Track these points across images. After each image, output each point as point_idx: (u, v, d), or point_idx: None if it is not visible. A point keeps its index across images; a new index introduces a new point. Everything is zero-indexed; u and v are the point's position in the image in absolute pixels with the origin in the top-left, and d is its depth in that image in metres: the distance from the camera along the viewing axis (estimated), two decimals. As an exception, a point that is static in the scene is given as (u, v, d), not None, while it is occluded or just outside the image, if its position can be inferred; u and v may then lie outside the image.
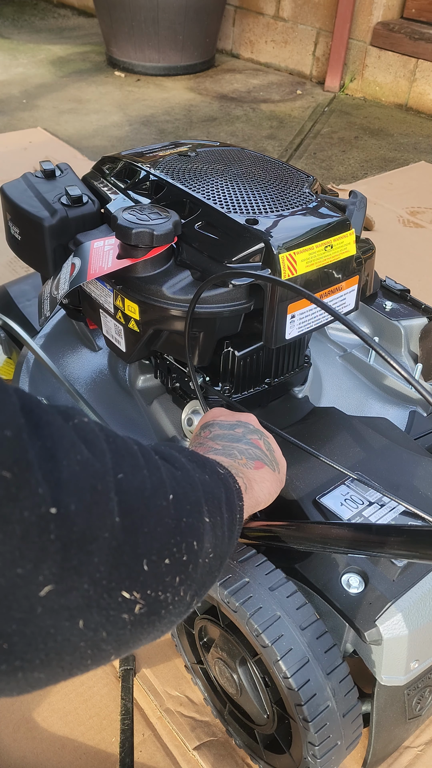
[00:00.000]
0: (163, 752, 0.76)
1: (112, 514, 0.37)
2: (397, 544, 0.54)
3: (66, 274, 0.78)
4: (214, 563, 0.47)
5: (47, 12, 4.27)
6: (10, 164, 2.15)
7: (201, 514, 0.46)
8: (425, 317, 1.06)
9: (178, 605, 0.43)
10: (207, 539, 0.46)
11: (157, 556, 0.41)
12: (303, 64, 3.31)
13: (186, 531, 0.43)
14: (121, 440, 0.42)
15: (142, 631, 0.41)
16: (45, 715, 0.80)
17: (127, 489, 0.39)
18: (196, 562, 0.44)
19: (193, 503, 0.45)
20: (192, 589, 0.45)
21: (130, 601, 0.39)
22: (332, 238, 0.76)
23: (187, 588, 0.44)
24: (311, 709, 0.59)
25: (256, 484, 0.61)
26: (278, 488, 0.65)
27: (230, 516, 0.50)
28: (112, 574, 0.37)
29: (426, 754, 0.77)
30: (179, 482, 0.45)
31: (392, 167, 2.42)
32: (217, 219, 0.76)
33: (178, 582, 0.43)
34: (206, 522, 0.46)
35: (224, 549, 0.49)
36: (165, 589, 0.41)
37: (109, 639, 0.38)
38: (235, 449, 0.63)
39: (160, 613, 0.42)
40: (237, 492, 0.54)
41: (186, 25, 3.04)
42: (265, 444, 0.67)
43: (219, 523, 0.48)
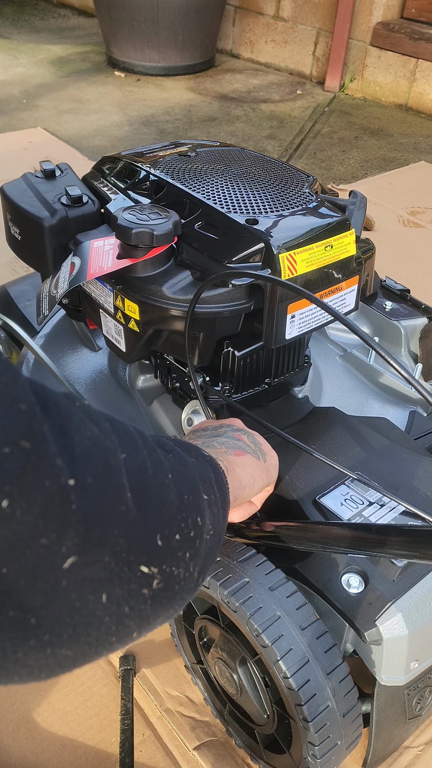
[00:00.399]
0: (163, 752, 0.76)
1: (124, 489, 0.38)
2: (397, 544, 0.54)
3: (65, 274, 0.78)
4: (214, 540, 0.48)
5: (47, 12, 4.27)
6: (10, 164, 2.15)
7: (199, 491, 0.47)
8: (425, 317, 1.06)
9: (188, 581, 0.44)
10: (207, 516, 0.47)
11: (169, 531, 0.41)
12: (303, 64, 3.31)
13: (189, 507, 0.44)
14: (119, 422, 0.43)
15: (160, 607, 0.41)
16: (45, 715, 0.80)
17: (132, 467, 0.40)
18: (201, 537, 0.45)
19: (189, 482, 0.46)
20: (199, 565, 0.46)
21: (149, 575, 0.39)
22: (332, 238, 0.76)
23: (195, 563, 0.45)
24: (311, 709, 0.59)
25: (238, 467, 0.62)
26: (265, 476, 0.66)
27: (222, 494, 0.52)
28: (131, 548, 0.38)
29: (426, 754, 0.77)
30: (173, 463, 0.46)
31: (392, 167, 2.42)
32: (217, 219, 0.76)
33: (188, 557, 0.43)
34: (204, 499, 0.47)
35: (220, 526, 0.50)
36: (178, 564, 0.42)
37: (131, 614, 0.39)
38: (214, 442, 0.65)
39: (174, 588, 0.42)
40: (222, 473, 0.55)
41: (186, 25, 3.04)
42: (248, 438, 0.68)
43: (214, 500, 0.49)
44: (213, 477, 0.52)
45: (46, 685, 0.82)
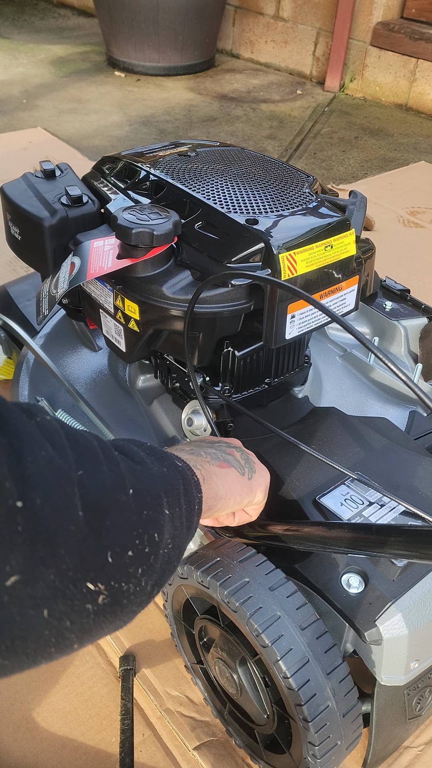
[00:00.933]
0: (163, 752, 0.76)
1: (76, 508, 0.38)
2: (397, 544, 0.54)
3: (65, 273, 0.78)
4: (173, 553, 0.49)
5: (47, 12, 4.27)
6: (10, 164, 2.15)
7: (161, 506, 0.47)
8: (425, 317, 1.06)
9: (139, 595, 0.45)
10: (167, 530, 0.47)
11: (121, 548, 0.42)
12: (303, 64, 3.31)
13: (147, 523, 0.45)
14: (81, 437, 0.43)
15: (105, 621, 0.42)
16: (45, 715, 0.80)
17: (88, 485, 0.40)
18: (157, 553, 0.46)
19: (153, 496, 0.47)
20: (152, 579, 0.46)
21: (95, 591, 0.40)
22: (332, 238, 0.76)
23: (148, 578, 0.45)
24: (311, 709, 0.59)
25: (216, 478, 0.61)
26: (246, 492, 0.65)
27: (188, 507, 0.52)
28: (78, 566, 0.39)
29: (426, 754, 0.77)
30: (138, 476, 0.46)
31: (392, 167, 2.42)
32: (217, 219, 0.76)
33: (140, 573, 0.44)
34: (166, 514, 0.48)
35: (182, 539, 0.51)
36: (128, 580, 0.43)
37: (72, 628, 0.39)
38: (202, 450, 0.65)
39: (122, 603, 0.43)
40: (195, 483, 0.56)
41: (186, 25, 3.03)
42: (240, 455, 0.68)
43: (178, 514, 0.50)
44: (182, 488, 0.52)
45: (46, 685, 0.82)
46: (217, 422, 0.86)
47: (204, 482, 0.58)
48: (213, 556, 0.67)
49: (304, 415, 0.90)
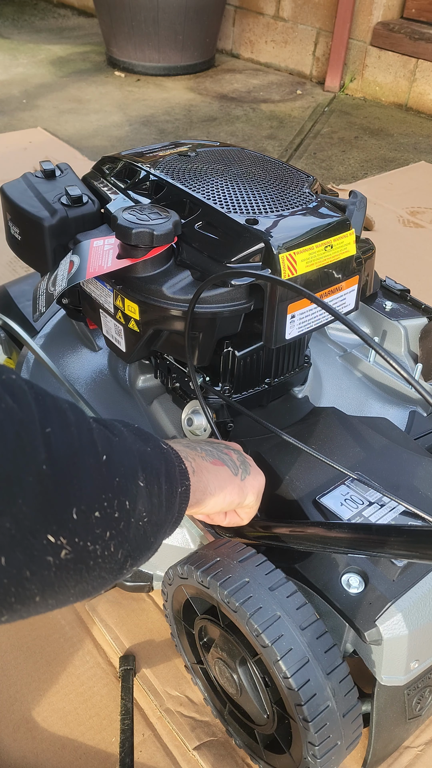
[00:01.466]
0: (163, 752, 0.76)
1: (37, 462, 0.39)
2: (397, 544, 0.54)
3: (64, 272, 0.78)
4: (149, 528, 0.49)
5: (47, 12, 4.27)
6: (10, 164, 2.15)
7: (135, 478, 0.48)
8: (425, 317, 1.06)
9: (109, 560, 0.45)
10: (141, 503, 0.48)
11: (87, 507, 0.42)
12: (303, 64, 3.31)
13: (118, 490, 0.45)
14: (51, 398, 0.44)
15: (68, 577, 0.43)
16: (45, 715, 0.80)
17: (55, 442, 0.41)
18: (128, 521, 0.46)
19: (127, 467, 0.47)
20: (124, 548, 0.47)
21: (56, 545, 0.41)
22: (332, 238, 0.76)
23: (118, 545, 0.46)
24: (311, 709, 0.59)
25: (207, 473, 0.62)
26: (237, 492, 0.65)
27: (169, 487, 0.52)
28: (37, 518, 0.39)
29: (426, 754, 0.77)
30: (114, 446, 0.47)
31: (392, 167, 2.42)
32: (217, 219, 0.76)
33: (108, 536, 0.44)
34: (141, 486, 0.48)
35: (161, 517, 0.51)
36: (94, 541, 0.43)
37: (33, 579, 0.40)
38: (198, 446, 0.65)
39: (88, 564, 0.44)
40: (181, 470, 0.56)
41: (186, 25, 3.03)
42: (237, 456, 0.68)
43: (156, 491, 0.50)
44: (164, 469, 0.52)
45: (46, 685, 0.82)
46: (217, 422, 0.86)
47: (194, 474, 0.59)
48: (213, 556, 0.67)
49: (304, 415, 0.90)
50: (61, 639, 0.87)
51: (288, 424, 0.85)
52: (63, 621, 0.88)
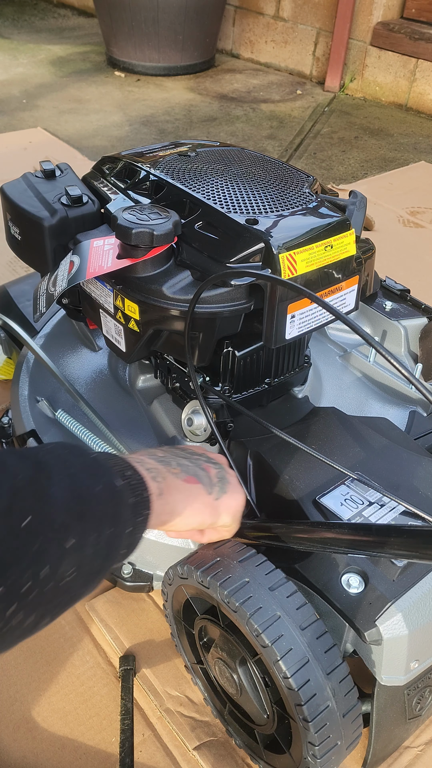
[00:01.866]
0: (163, 752, 0.76)
1: None
2: (397, 544, 0.54)
3: (64, 272, 0.78)
4: (75, 583, 0.46)
5: (47, 12, 4.27)
6: (10, 164, 2.15)
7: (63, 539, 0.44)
8: (425, 317, 1.06)
9: (17, 627, 0.43)
10: (66, 562, 0.45)
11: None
12: (303, 64, 3.31)
13: (34, 559, 0.42)
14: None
15: None
16: (45, 715, 0.80)
17: None
18: (43, 587, 0.43)
19: (56, 528, 0.44)
20: (38, 612, 0.44)
21: None
22: (332, 238, 0.76)
23: (29, 612, 0.43)
24: (311, 709, 0.59)
25: (177, 493, 0.59)
26: (209, 513, 0.63)
27: (114, 531, 0.49)
28: None
29: (426, 754, 0.77)
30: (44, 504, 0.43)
31: (392, 167, 2.42)
32: (217, 219, 0.76)
33: (14, 608, 0.41)
34: (67, 548, 0.44)
35: (96, 566, 0.48)
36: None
37: None
38: (174, 461, 0.62)
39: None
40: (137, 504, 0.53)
41: (186, 25, 3.03)
42: (216, 473, 0.66)
43: (92, 541, 0.47)
44: (110, 513, 0.49)
45: (46, 685, 0.82)
46: (217, 422, 0.86)
47: (160, 496, 0.56)
48: (213, 556, 0.67)
49: (304, 415, 0.90)
50: (61, 639, 0.87)
51: (288, 424, 0.85)
52: (63, 621, 0.88)
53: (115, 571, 0.90)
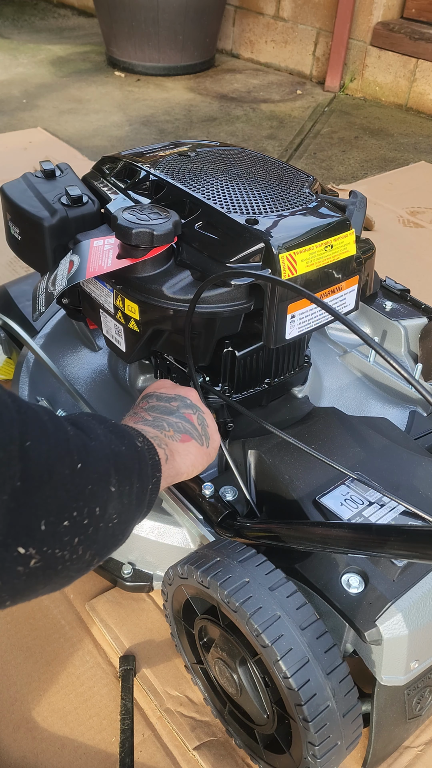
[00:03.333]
0: (163, 752, 0.76)
1: (12, 479, 0.41)
2: (397, 544, 0.54)
3: (64, 271, 0.78)
4: (118, 528, 0.52)
5: (47, 12, 4.27)
6: (10, 164, 2.15)
7: (107, 483, 0.50)
8: (425, 317, 1.06)
9: (77, 562, 0.48)
10: (111, 506, 0.50)
11: (56, 518, 0.44)
12: (303, 64, 3.31)
13: (89, 497, 0.47)
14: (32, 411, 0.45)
15: (37, 582, 0.45)
16: (45, 715, 0.80)
17: (32, 456, 0.42)
18: (97, 525, 0.48)
19: (100, 472, 0.49)
20: (92, 549, 0.49)
21: (26, 555, 0.43)
22: (332, 238, 0.76)
23: (86, 547, 0.48)
24: (311, 709, 0.59)
25: (179, 456, 0.65)
26: (205, 461, 0.69)
27: (141, 486, 0.55)
28: (9, 532, 0.41)
29: (426, 754, 0.77)
30: (89, 453, 0.48)
31: (392, 167, 2.42)
32: (217, 219, 0.76)
33: (77, 542, 0.47)
34: (111, 492, 0.50)
35: (131, 515, 0.54)
36: (63, 548, 0.46)
37: (4, 587, 0.43)
38: (164, 422, 0.68)
39: (56, 568, 0.46)
40: (154, 465, 0.59)
41: (186, 25, 3.03)
42: (198, 419, 0.71)
43: (127, 492, 0.52)
44: (136, 468, 0.55)
45: (46, 685, 0.82)
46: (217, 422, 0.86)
47: (167, 462, 0.62)
48: (213, 556, 0.67)
49: (304, 415, 0.90)
50: (61, 639, 0.87)
51: (288, 424, 0.86)
52: (63, 621, 0.88)
53: (115, 571, 0.90)
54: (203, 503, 0.79)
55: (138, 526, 0.84)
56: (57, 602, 0.90)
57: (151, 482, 0.58)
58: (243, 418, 0.87)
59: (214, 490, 0.79)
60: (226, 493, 0.79)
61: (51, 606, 0.90)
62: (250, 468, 0.81)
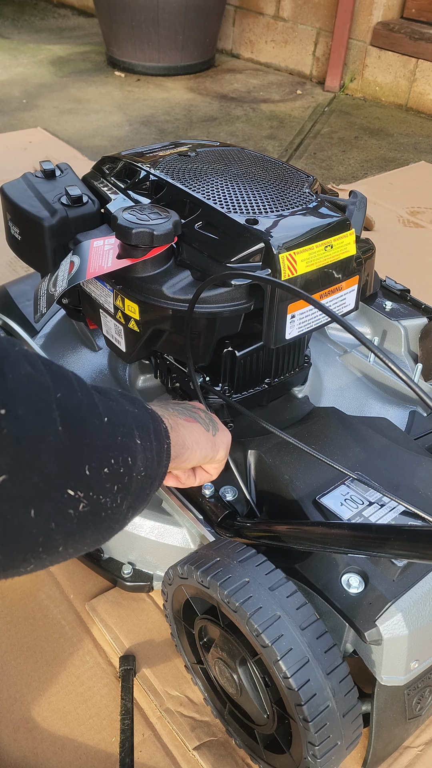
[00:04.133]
0: (163, 752, 0.76)
1: (55, 422, 0.43)
2: (397, 544, 0.54)
3: (64, 272, 0.78)
4: (146, 482, 0.54)
5: (47, 12, 4.27)
6: (10, 164, 2.15)
7: (133, 436, 0.52)
8: (425, 317, 1.06)
9: (116, 512, 0.50)
10: (140, 458, 0.52)
11: (98, 464, 0.47)
12: (303, 64, 3.31)
13: (121, 447, 0.50)
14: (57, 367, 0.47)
15: (86, 527, 0.47)
16: (45, 715, 0.80)
17: (66, 405, 0.44)
18: (130, 475, 0.51)
19: (126, 426, 0.51)
20: (128, 500, 0.51)
21: (75, 498, 0.45)
22: (332, 238, 0.76)
23: (123, 497, 0.50)
24: (311, 709, 0.59)
25: (183, 428, 0.66)
26: (209, 446, 0.69)
27: (158, 444, 0.57)
28: (59, 473, 0.43)
29: (426, 754, 0.77)
30: (112, 409, 0.51)
31: (392, 167, 2.42)
32: (217, 219, 0.76)
33: (116, 490, 0.49)
34: (138, 444, 0.52)
35: (154, 471, 0.55)
36: (105, 494, 0.48)
37: (57, 529, 0.44)
38: (169, 406, 0.70)
39: (100, 515, 0.48)
40: (164, 428, 0.60)
41: (186, 25, 3.03)
42: (205, 414, 0.72)
43: (149, 447, 0.54)
44: (152, 427, 0.57)
45: (46, 685, 0.82)
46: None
47: (171, 430, 0.63)
48: (213, 556, 0.67)
49: (304, 415, 0.90)
50: (61, 639, 0.87)
51: (288, 424, 0.86)
52: (63, 621, 0.88)
53: (115, 571, 0.90)
54: (203, 503, 0.79)
55: (138, 527, 0.85)
56: (57, 602, 0.90)
57: (165, 442, 0.59)
58: (243, 418, 0.87)
59: (214, 490, 0.79)
60: (226, 493, 0.79)
61: (51, 606, 0.90)
62: (250, 468, 0.81)
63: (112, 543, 0.90)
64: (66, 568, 0.94)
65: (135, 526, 0.85)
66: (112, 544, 0.90)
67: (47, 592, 0.91)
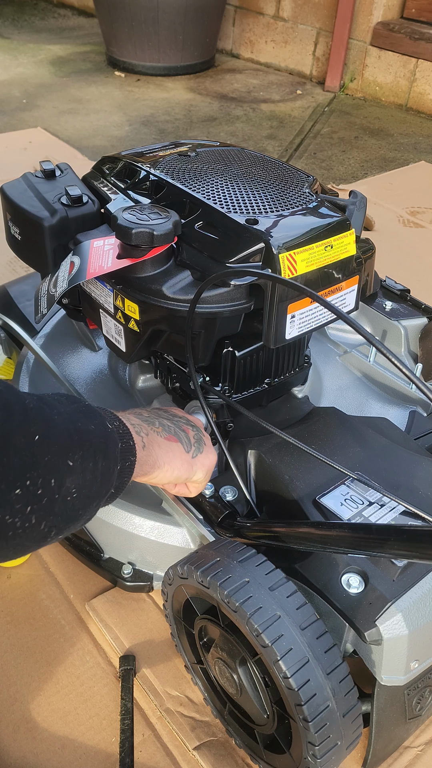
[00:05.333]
0: (163, 752, 0.76)
1: None
2: (397, 544, 0.54)
3: (65, 272, 0.78)
4: (78, 503, 0.53)
5: (47, 12, 4.27)
6: (10, 164, 2.15)
7: (65, 456, 0.51)
8: (425, 317, 1.06)
9: (30, 531, 0.49)
10: (70, 480, 0.51)
11: (7, 486, 0.46)
12: (303, 64, 3.31)
13: (46, 469, 0.49)
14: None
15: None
16: (45, 715, 0.80)
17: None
18: (52, 497, 0.50)
19: (60, 446, 0.51)
20: (48, 521, 0.50)
21: None
22: (332, 238, 0.76)
23: (40, 518, 0.49)
24: (311, 709, 0.59)
25: (159, 448, 0.66)
26: (185, 468, 0.69)
27: (106, 464, 0.56)
28: None
29: (426, 754, 0.77)
30: (50, 426, 0.50)
31: (392, 167, 2.42)
32: (217, 219, 0.76)
33: (29, 511, 0.48)
34: (70, 465, 0.51)
35: (93, 492, 0.55)
36: (14, 515, 0.47)
37: None
38: (157, 420, 0.69)
39: (6, 534, 0.48)
40: (126, 448, 0.60)
41: (186, 25, 3.03)
42: (194, 434, 0.71)
43: (90, 468, 0.53)
44: (102, 447, 0.56)
45: (46, 685, 0.82)
46: (217, 422, 0.86)
47: (143, 448, 0.62)
48: (213, 556, 0.67)
49: (304, 415, 0.90)
50: (61, 639, 0.87)
51: (288, 424, 0.86)
52: (63, 621, 0.88)
53: (115, 571, 0.90)
54: (203, 503, 0.79)
55: (138, 526, 0.85)
56: (57, 602, 0.90)
57: (119, 463, 0.58)
58: (243, 418, 0.87)
59: (214, 490, 0.79)
60: (226, 493, 0.79)
61: (51, 606, 0.90)
62: (250, 468, 0.81)
63: (113, 543, 0.90)
64: (66, 568, 0.94)
65: (135, 526, 0.85)
66: (112, 544, 0.90)
67: (47, 592, 0.91)
